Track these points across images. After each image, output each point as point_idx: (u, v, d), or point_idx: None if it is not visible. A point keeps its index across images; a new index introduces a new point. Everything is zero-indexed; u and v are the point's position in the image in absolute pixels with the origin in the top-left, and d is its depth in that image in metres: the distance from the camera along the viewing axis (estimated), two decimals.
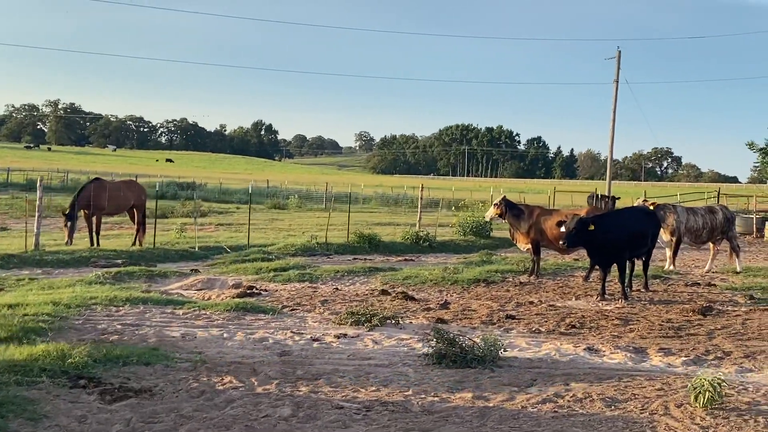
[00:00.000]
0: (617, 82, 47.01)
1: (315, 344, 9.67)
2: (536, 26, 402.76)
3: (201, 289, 14.93)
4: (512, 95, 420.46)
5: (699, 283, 16.69)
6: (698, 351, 10.13)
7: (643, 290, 15.36)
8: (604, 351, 10.01)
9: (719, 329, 11.63)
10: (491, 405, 7.33)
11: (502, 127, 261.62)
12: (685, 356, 9.83)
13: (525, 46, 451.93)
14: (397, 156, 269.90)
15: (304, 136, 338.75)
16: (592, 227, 13.92)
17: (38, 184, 18.64)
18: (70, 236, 19.10)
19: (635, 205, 19.08)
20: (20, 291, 12.82)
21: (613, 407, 7.36)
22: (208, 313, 11.34)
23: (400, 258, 21.01)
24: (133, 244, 20.45)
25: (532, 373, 8.66)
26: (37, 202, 18.67)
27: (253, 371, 8.15)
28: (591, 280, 16.48)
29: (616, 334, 11.18)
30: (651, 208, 17.18)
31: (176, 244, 21.14)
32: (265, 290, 14.45)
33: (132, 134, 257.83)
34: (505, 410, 7.19)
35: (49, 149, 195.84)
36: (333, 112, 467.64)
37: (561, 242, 14.10)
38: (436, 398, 7.48)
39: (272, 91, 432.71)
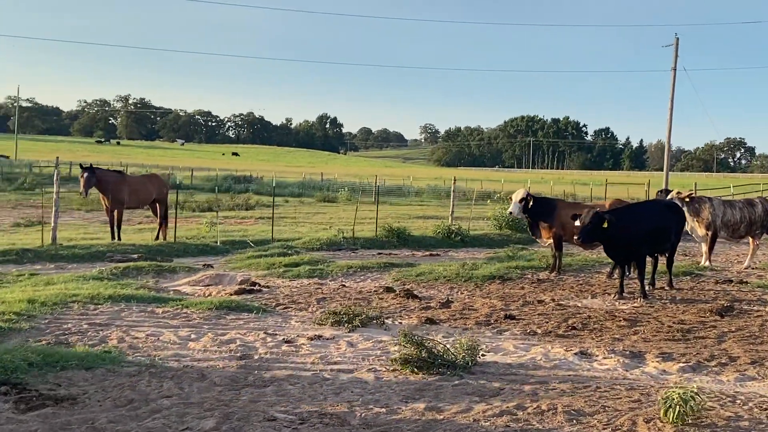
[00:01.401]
0: (675, 70, 45.53)
1: (284, 347, 9.19)
2: (605, 14, 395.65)
3: (208, 285, 14.59)
4: (579, 86, 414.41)
5: (731, 281, 15.73)
6: (702, 356, 9.36)
7: (667, 288, 14.52)
8: (596, 356, 9.32)
9: (733, 332, 10.80)
10: (441, 417, 6.74)
11: (568, 118, 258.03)
12: (685, 362, 9.07)
13: (591, 34, 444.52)
14: (462, 148, 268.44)
15: (370, 129, 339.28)
16: (607, 222, 13.15)
17: (55, 178, 18.55)
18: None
19: (655, 198, 18.10)
20: (14, 287, 12.64)
21: (575, 421, 6.70)
22: (189, 311, 10.95)
23: (426, 253, 20.43)
24: (156, 238, 20.28)
25: (504, 380, 8.04)
26: (54, 197, 18.59)
27: (201, 377, 7.70)
28: (614, 277, 15.67)
29: (618, 336, 10.46)
30: (677, 201, 16.28)
31: (202, 238, 20.90)
32: (268, 287, 14.03)
33: (201, 128, 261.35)
34: (453, 424, 6.59)
35: (119, 143, 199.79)
36: (398, 104, 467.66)
37: (575, 237, 13.37)
38: (383, 409, 6.92)
39: (338, 84, 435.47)
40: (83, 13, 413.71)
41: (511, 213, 16.73)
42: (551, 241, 16.16)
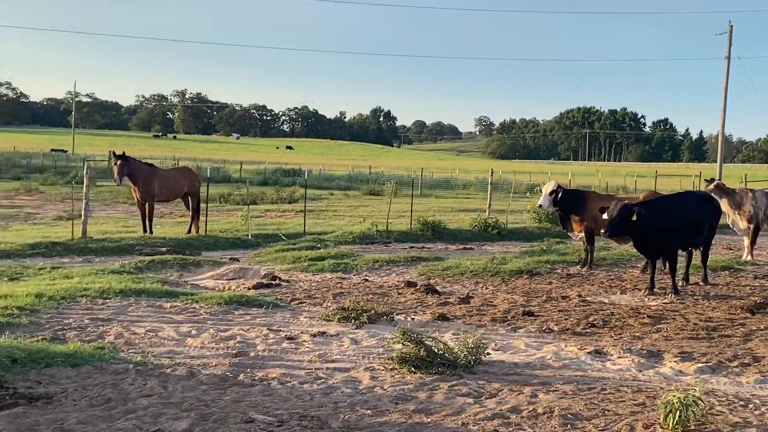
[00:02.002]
0: (729, 58, 44.26)
1: (285, 344, 8.94)
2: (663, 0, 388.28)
3: (232, 279, 14.46)
4: (638, 76, 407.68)
5: None
6: (724, 356, 8.87)
7: (701, 283, 13.96)
8: (611, 355, 8.90)
9: (762, 330, 10.26)
10: (428, 420, 6.42)
11: (626, 109, 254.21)
12: (705, 362, 8.61)
13: (650, 22, 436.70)
14: (517, 140, 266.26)
15: (424, 122, 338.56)
16: (636, 215, 12.65)
17: (84, 171, 18.59)
18: None
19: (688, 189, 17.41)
20: (31, 281, 12.61)
21: (569, 426, 6.33)
22: (197, 306, 10.77)
23: (460, 246, 20.03)
24: (188, 231, 20.22)
25: (506, 381, 7.68)
26: (84, 189, 18.62)
27: (189, 375, 7.49)
28: (648, 272, 15.13)
29: (638, 334, 10.00)
30: (712, 193, 15.65)
31: (235, 232, 20.79)
32: (288, 281, 13.83)
33: (256, 123, 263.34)
34: (439, 427, 6.27)
35: (175, 138, 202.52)
36: (453, 97, 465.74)
37: (602, 231, 12.88)
38: (369, 411, 6.62)
39: (391, 77, 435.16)
40: (142, 9, 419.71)
41: (540, 206, 16.26)
42: (583, 234, 15.65)
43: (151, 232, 19.38)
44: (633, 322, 10.66)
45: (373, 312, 10.17)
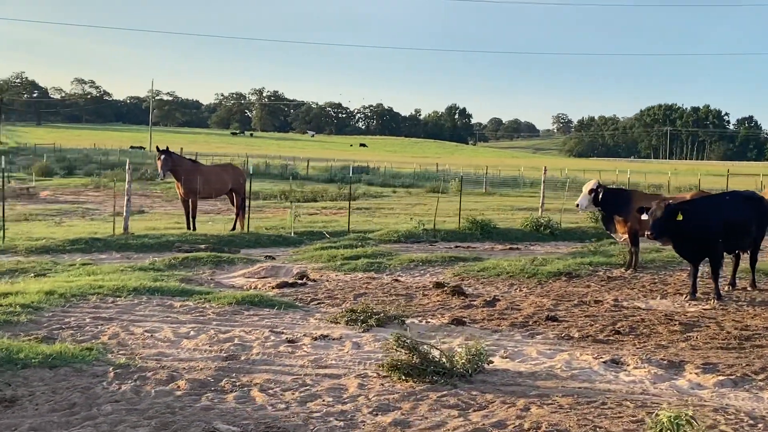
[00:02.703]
0: None
1: (282, 347, 8.61)
2: None
3: (263, 277, 14.26)
4: (721, 71, 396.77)
5: None
6: (751, 368, 8.23)
7: (749, 289, 13.17)
8: (627, 365, 8.34)
9: None
10: None
11: (708, 106, 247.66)
12: (728, 375, 7.98)
13: (735, 15, 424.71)
14: (595, 138, 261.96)
15: (500, 119, 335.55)
16: (680, 216, 11.98)
17: (127, 168, 18.65)
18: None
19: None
20: (58, 277, 12.59)
21: None
22: (208, 306, 10.54)
23: (507, 246, 19.45)
24: (233, 228, 20.13)
25: (501, 392, 7.20)
26: (126, 186, 18.68)
27: (169, 379, 7.21)
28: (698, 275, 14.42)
29: (664, 343, 9.39)
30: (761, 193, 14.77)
31: (281, 229, 20.61)
32: (315, 280, 13.54)
33: (331, 120, 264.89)
34: None
35: (251, 135, 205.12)
36: (530, 94, 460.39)
37: (647, 232, 12.19)
38: (341, 423, 6.25)
39: (467, 74, 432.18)
40: (222, 7, 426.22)
41: (578, 205, 15.63)
42: (626, 235, 14.96)
43: (194, 229, 19.35)
44: (662, 330, 10.04)
45: (382, 315, 9.78)
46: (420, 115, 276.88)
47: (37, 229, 21.34)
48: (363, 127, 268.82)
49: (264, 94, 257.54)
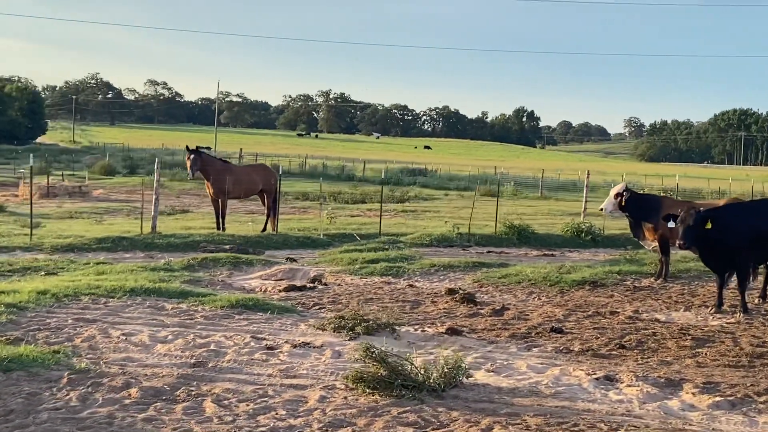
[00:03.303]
0: None
1: (258, 354, 8.28)
2: None
3: (279, 279, 14.02)
4: None
5: None
6: (755, 389, 7.64)
7: None
8: (621, 382, 7.82)
9: None
10: None
11: None
12: (728, 396, 7.42)
13: None
14: (667, 143, 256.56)
15: (570, 122, 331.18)
16: (709, 224, 11.35)
17: (155, 167, 18.60)
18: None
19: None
20: (67, 276, 12.50)
21: None
22: (200, 309, 10.28)
23: (542, 252, 18.86)
24: (263, 229, 19.94)
25: (470, 409, 6.76)
26: (155, 184, 18.64)
27: (124, 386, 6.94)
28: (728, 286, 13.69)
29: (669, 359, 8.82)
30: None
31: (314, 231, 20.35)
32: (327, 284, 13.24)
33: (397, 122, 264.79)
34: None
35: (317, 137, 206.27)
36: (601, 97, 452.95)
37: (678, 241, 11.52)
38: None
39: (536, 76, 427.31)
40: (290, 10, 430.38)
41: (602, 209, 15.02)
42: (656, 243, 14.29)
43: (223, 229, 19.22)
44: (672, 345, 9.45)
45: (372, 323, 9.37)
46: (487, 117, 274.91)
47: (75, 226, 21.51)
48: (429, 129, 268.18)
49: (331, 96, 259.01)
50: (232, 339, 8.82)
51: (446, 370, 7.31)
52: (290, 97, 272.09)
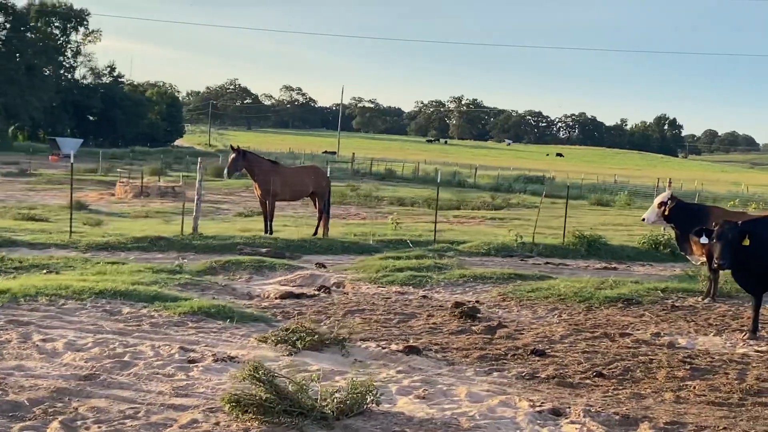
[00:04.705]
0: None
1: (169, 368, 7.51)
2: None
3: (298, 285, 13.44)
4: None
5: None
6: None
7: None
8: (565, 417, 6.74)
9: None
10: None
11: None
12: None
13: None
14: None
15: (715, 131, 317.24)
16: (747, 240, 9.97)
17: (198, 168, 18.32)
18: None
19: None
20: (62, 275, 12.20)
21: None
22: (158, 314, 9.68)
23: (603, 265, 17.45)
24: (315, 233, 19.36)
25: None
26: (197, 185, 18.35)
27: None
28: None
29: (646, 392, 7.62)
30: None
31: (361, 236, 19.63)
32: (329, 292, 12.52)
33: (530, 129, 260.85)
34: None
35: (446, 143, 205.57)
36: (750, 105, 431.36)
37: (718, 261, 10.15)
38: None
39: (679, 81, 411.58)
40: (425, 15, 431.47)
41: (644, 219, 13.64)
42: (704, 258, 12.80)
43: (270, 232, 18.76)
44: (662, 375, 8.20)
45: (317, 337, 8.51)
46: (626, 125, 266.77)
47: (137, 225, 21.60)
48: (564, 136, 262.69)
49: (463, 102, 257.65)
50: (158, 349, 8.16)
51: (349, 396, 6.42)
52: (422, 103, 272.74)
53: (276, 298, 11.80)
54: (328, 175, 20.75)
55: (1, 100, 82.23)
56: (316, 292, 12.41)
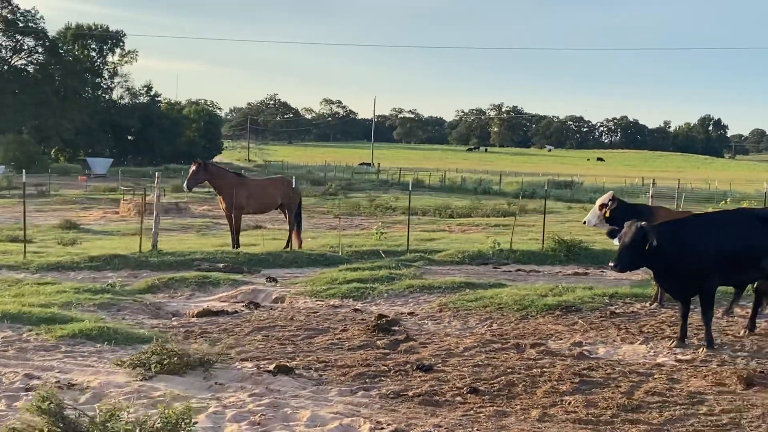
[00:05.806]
0: None
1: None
2: None
3: (240, 302, 13.04)
4: None
5: None
6: None
7: (742, 332, 10.19)
8: None
9: (707, 415, 6.76)
10: None
11: None
12: None
13: None
14: None
15: (763, 130, 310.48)
16: (649, 243, 9.22)
17: (155, 181, 17.95)
18: None
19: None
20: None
21: None
22: (37, 337, 9.27)
23: (576, 271, 16.68)
24: (286, 246, 18.88)
25: None
26: (154, 201, 18.02)
27: None
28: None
29: (512, 410, 7.04)
30: None
31: (331, 248, 19.01)
32: (259, 308, 12.16)
33: (572, 134, 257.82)
34: None
35: (486, 150, 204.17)
36: None
37: (610, 264, 9.62)
38: None
39: (724, 81, 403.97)
40: (460, 21, 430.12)
41: (585, 222, 12.98)
42: None
43: (238, 246, 18.36)
44: (543, 390, 7.59)
45: (177, 359, 7.99)
46: (669, 127, 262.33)
47: (112, 243, 21.34)
48: (606, 141, 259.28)
49: (503, 109, 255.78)
50: (3, 376, 7.76)
51: (157, 426, 5.93)
52: (463, 111, 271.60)
53: (193, 317, 11.39)
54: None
55: (35, 123, 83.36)
56: (241, 309, 11.98)
